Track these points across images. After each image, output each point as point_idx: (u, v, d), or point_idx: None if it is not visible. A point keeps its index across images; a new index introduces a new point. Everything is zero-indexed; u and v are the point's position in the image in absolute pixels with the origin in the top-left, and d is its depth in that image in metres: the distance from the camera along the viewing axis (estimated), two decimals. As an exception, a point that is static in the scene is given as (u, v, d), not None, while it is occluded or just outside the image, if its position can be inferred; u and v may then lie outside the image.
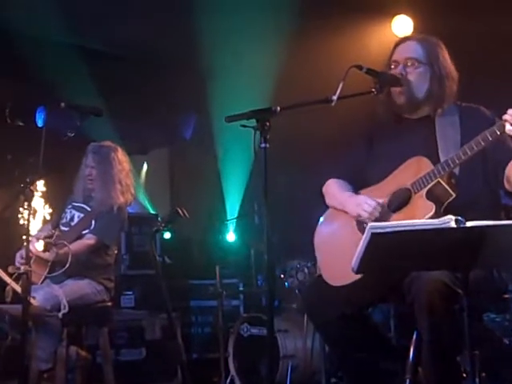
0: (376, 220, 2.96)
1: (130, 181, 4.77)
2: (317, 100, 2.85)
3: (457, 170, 2.89)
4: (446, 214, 2.37)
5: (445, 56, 3.13)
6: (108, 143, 4.81)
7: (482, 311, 3.37)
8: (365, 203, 3.00)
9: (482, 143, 2.73)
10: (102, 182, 4.64)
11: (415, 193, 2.91)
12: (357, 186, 3.21)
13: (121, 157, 4.76)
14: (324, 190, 3.33)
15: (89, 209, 4.68)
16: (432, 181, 2.87)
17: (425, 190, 2.88)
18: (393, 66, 3.14)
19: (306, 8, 5.40)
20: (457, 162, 2.81)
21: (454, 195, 2.84)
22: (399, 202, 2.98)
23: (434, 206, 2.82)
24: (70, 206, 4.75)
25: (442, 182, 2.86)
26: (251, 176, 7.41)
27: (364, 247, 2.27)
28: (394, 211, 2.98)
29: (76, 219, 4.68)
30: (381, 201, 3.00)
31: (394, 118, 3.19)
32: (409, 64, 3.10)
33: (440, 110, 3.10)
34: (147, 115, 7.34)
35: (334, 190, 3.25)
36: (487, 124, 2.87)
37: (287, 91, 5.24)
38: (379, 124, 3.26)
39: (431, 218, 2.74)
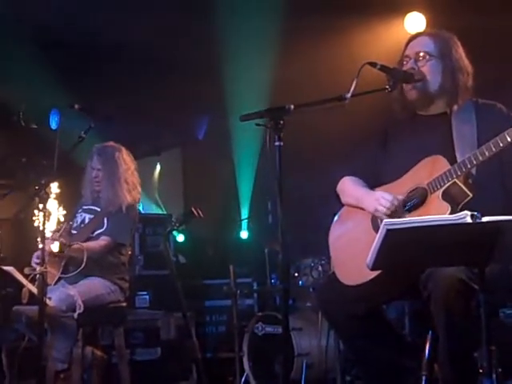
0: (391, 218, 2.94)
1: (135, 179, 4.82)
2: (330, 98, 2.84)
3: (473, 170, 2.86)
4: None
5: (458, 50, 3.11)
6: (111, 144, 4.85)
7: (499, 307, 3.35)
8: (382, 198, 2.98)
9: (501, 144, 2.70)
10: (109, 182, 4.69)
11: (431, 193, 2.89)
12: (371, 184, 3.19)
13: (125, 156, 4.80)
14: (339, 187, 3.31)
15: (98, 209, 4.72)
16: (448, 181, 2.84)
17: (441, 190, 2.86)
18: (405, 62, 3.14)
19: (318, 7, 5.40)
20: (474, 162, 2.78)
21: (471, 195, 2.81)
22: (415, 201, 2.96)
23: (449, 207, 2.80)
24: (80, 210, 4.79)
25: (458, 182, 2.83)
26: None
27: (379, 243, 2.26)
28: (410, 211, 2.97)
29: (87, 221, 4.72)
30: (399, 197, 2.98)
31: (408, 115, 3.17)
32: (420, 58, 3.09)
33: (456, 106, 3.09)
34: (159, 116, 7.36)
35: (350, 187, 3.24)
36: (504, 122, 2.85)
37: (301, 90, 5.24)
38: (394, 121, 3.24)
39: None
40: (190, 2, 5.49)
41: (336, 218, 3.29)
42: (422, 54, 3.09)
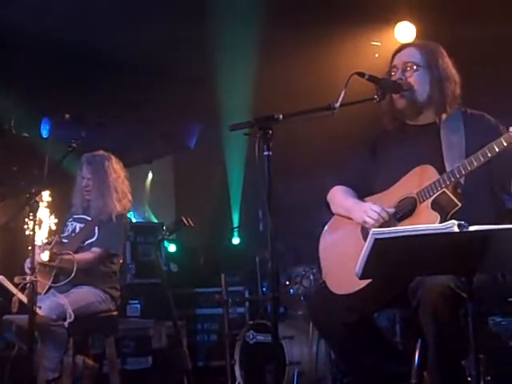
0: (380, 227, 2.95)
1: (126, 187, 4.81)
2: (319, 108, 2.86)
3: (462, 179, 2.88)
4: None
5: (445, 60, 3.14)
6: (101, 152, 4.84)
7: (487, 315, 3.37)
8: (370, 210, 2.99)
9: (489, 154, 2.72)
10: (99, 192, 4.68)
11: (420, 202, 2.91)
12: (361, 194, 3.21)
13: (115, 165, 4.79)
14: (329, 197, 3.32)
15: (89, 218, 4.71)
16: (438, 190, 2.86)
17: (430, 199, 2.87)
18: (393, 73, 3.16)
19: (309, 16, 5.43)
20: (463, 172, 2.80)
21: (460, 205, 2.82)
22: (404, 211, 2.97)
23: (438, 217, 2.82)
24: (70, 219, 4.78)
25: (447, 191, 2.85)
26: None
27: (367, 253, 2.27)
28: (399, 220, 2.99)
29: (78, 230, 4.71)
30: (389, 210, 2.99)
31: (398, 125, 3.19)
32: (408, 68, 3.12)
33: (444, 114, 3.12)
34: (151, 124, 7.36)
35: (340, 197, 3.25)
36: (491, 132, 2.87)
37: (291, 99, 5.26)
38: (383, 131, 3.26)
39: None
40: (184, 13, 5.51)
41: (326, 227, 3.29)
42: (409, 65, 3.12)
